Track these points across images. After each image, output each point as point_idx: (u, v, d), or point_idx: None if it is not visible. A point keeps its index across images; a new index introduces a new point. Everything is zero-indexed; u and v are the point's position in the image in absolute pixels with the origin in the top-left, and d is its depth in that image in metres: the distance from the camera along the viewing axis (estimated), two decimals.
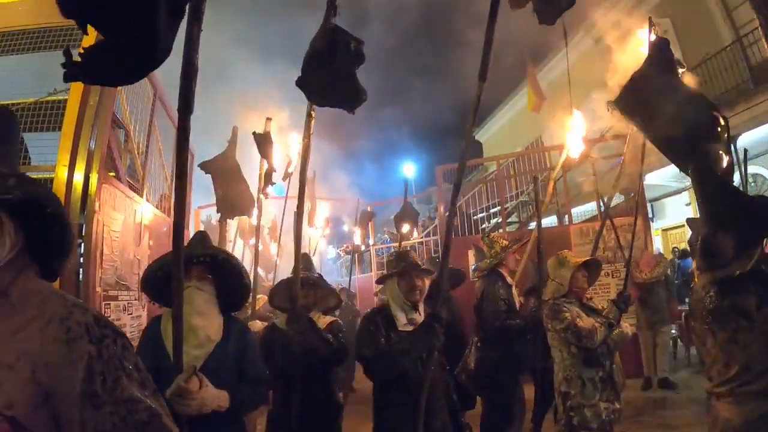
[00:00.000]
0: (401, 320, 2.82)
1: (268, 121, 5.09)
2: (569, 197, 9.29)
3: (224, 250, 2.67)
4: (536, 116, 13.83)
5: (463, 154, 2.45)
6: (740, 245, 2.04)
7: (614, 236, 7.07)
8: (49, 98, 4.14)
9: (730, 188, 2.26)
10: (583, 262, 3.53)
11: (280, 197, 10.48)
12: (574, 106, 4.73)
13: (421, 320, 2.81)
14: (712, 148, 2.45)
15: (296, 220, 2.75)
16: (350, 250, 9.62)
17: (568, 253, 3.66)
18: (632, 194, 7.66)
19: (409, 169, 10.55)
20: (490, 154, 19.77)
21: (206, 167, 5.49)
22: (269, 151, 5.00)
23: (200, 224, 11.34)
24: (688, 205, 13.12)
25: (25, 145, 4.25)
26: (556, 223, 10.41)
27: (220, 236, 6.00)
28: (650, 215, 11.51)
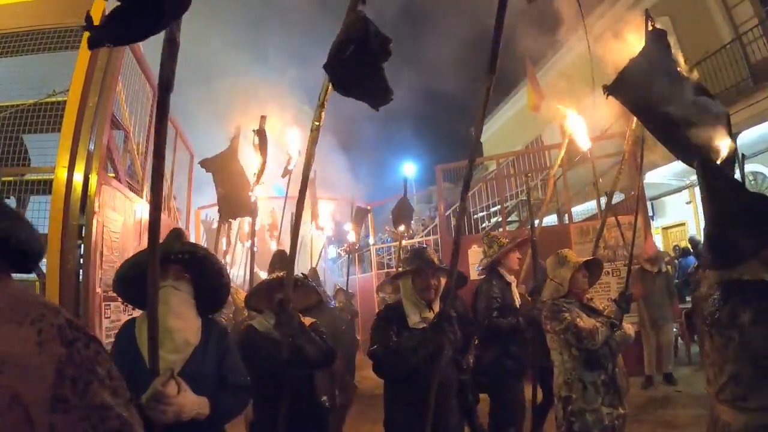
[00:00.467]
0: (414, 318, 2.78)
1: (263, 118, 5.08)
2: (569, 196, 9.29)
3: (203, 247, 2.49)
4: (536, 115, 13.82)
5: (473, 148, 2.35)
6: (748, 244, 1.97)
7: (618, 233, 7.09)
8: (48, 99, 4.14)
9: (736, 184, 2.19)
10: (584, 261, 3.41)
11: (280, 197, 10.52)
12: (574, 105, 4.73)
13: None
14: (711, 137, 2.42)
15: (295, 215, 2.55)
16: (349, 249, 9.61)
17: (568, 251, 3.53)
18: (632, 192, 7.66)
19: (409, 168, 10.57)
20: (490, 153, 19.73)
21: (207, 165, 5.46)
22: (264, 148, 4.99)
23: (200, 225, 11.35)
24: (688, 203, 13.11)
25: (25, 146, 4.26)
26: (556, 221, 10.41)
27: (217, 238, 6.01)
28: (650, 214, 11.51)
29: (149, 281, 1.63)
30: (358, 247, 10.58)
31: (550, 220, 10.58)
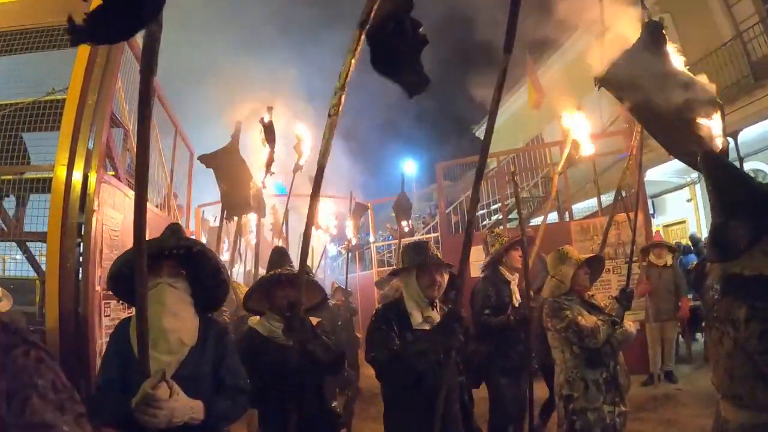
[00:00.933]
0: (417, 318, 2.59)
1: (269, 109, 5.03)
2: (569, 193, 9.27)
3: (199, 241, 2.36)
4: (537, 113, 13.79)
5: (486, 134, 2.20)
6: (748, 234, 1.94)
7: (619, 231, 7.06)
8: (47, 98, 4.12)
9: (741, 176, 2.16)
10: (585, 259, 3.38)
11: (281, 195, 10.48)
12: (575, 103, 4.72)
13: (437, 319, 2.59)
14: (704, 130, 2.40)
15: (309, 206, 2.18)
16: (348, 247, 9.59)
17: (569, 248, 3.51)
18: (633, 189, 7.64)
19: (409, 166, 10.59)
20: (490, 150, 19.66)
21: (206, 161, 5.33)
22: (272, 139, 4.95)
23: (200, 223, 11.31)
24: (689, 201, 13.09)
25: (24, 144, 4.24)
26: (556, 219, 10.40)
27: (219, 236, 5.98)
28: (651, 211, 11.48)
29: (137, 277, 1.55)
30: (357, 244, 10.54)
31: (550, 217, 10.55)
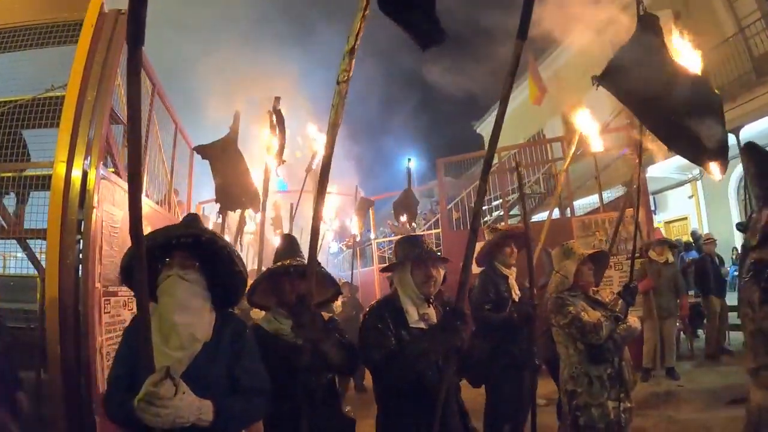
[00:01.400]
0: (413, 315, 2.46)
1: (277, 99, 5.01)
2: (571, 189, 9.26)
3: (210, 230, 2.21)
4: (538, 108, 13.78)
5: (496, 124, 2.04)
6: None
7: (622, 227, 7.03)
8: (46, 94, 4.11)
9: None
10: (588, 254, 3.36)
11: (282, 192, 10.49)
12: (577, 99, 4.69)
13: (433, 315, 2.48)
14: (703, 125, 2.40)
15: (319, 181, 2.07)
16: (351, 244, 9.61)
17: (574, 243, 3.49)
18: (634, 185, 7.61)
19: (410, 162, 10.57)
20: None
21: (203, 152, 5.24)
22: (282, 128, 4.94)
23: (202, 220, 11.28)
24: (690, 197, 13.07)
25: (24, 141, 4.24)
26: (558, 215, 10.38)
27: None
28: (652, 208, 11.46)
29: (135, 263, 1.49)
30: (359, 240, 10.51)
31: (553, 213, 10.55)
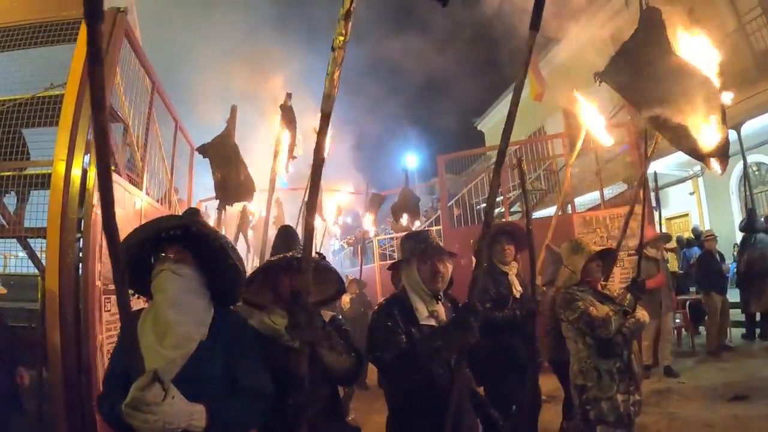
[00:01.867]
0: (423, 312, 2.37)
1: (288, 95, 5.02)
2: (572, 186, 9.23)
3: (202, 222, 2.02)
4: (538, 105, 13.74)
5: (509, 115, 2.05)
6: None
7: (623, 223, 7.01)
8: (46, 93, 4.12)
9: None
10: (597, 251, 3.37)
11: (282, 189, 10.47)
12: (578, 94, 4.68)
13: (442, 312, 2.41)
14: (704, 122, 2.39)
15: (313, 162, 1.84)
16: (353, 242, 9.58)
17: (584, 239, 3.51)
18: (635, 182, 7.61)
19: (410, 159, 10.55)
20: (492, 143, 19.65)
21: (204, 151, 5.26)
22: (292, 124, 4.94)
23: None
24: (692, 194, 13.04)
25: (24, 140, 4.24)
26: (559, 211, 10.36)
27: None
28: (654, 204, 11.44)
29: (111, 258, 1.37)
30: (359, 236, 10.48)
31: (553, 210, 10.53)
